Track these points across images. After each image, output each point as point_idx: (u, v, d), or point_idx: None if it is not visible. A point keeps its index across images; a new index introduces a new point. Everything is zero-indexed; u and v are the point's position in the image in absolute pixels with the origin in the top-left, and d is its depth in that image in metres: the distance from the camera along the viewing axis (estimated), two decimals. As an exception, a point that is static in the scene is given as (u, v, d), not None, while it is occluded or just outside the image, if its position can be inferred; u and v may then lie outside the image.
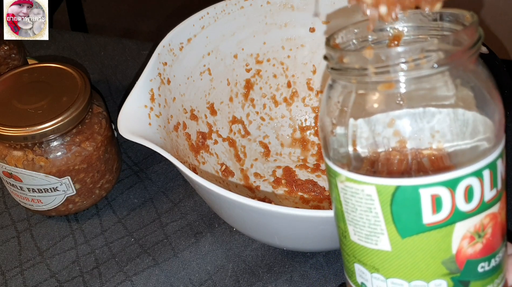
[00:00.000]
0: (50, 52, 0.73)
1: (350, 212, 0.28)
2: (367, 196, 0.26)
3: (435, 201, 0.25)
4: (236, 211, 0.42)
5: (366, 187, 0.26)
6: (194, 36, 0.53)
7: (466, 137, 0.26)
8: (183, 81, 0.53)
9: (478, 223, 0.26)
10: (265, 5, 0.56)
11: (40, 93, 0.51)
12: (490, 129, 0.27)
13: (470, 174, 0.25)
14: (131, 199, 0.56)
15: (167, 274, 0.49)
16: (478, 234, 0.26)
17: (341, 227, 0.29)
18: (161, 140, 0.45)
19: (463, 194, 0.25)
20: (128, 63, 0.71)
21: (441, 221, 0.26)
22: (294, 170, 0.58)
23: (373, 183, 0.26)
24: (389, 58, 0.25)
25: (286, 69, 0.60)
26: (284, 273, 0.49)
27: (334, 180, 0.28)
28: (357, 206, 0.27)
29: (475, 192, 0.26)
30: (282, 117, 0.61)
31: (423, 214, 0.26)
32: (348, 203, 0.28)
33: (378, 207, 0.26)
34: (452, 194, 0.25)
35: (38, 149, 0.49)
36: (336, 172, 0.28)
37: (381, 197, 0.26)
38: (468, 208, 0.26)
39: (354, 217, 0.28)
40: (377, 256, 0.27)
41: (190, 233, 0.52)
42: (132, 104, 0.46)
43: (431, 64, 0.24)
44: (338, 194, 0.28)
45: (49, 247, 0.52)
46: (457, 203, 0.25)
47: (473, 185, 0.25)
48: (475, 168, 0.25)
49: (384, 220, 0.26)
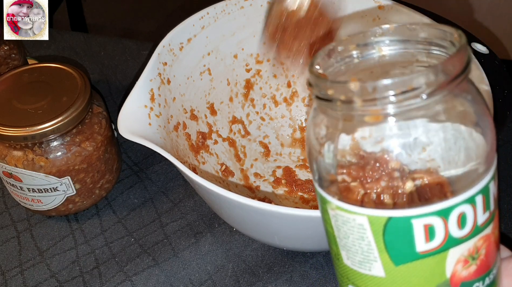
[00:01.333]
0: (50, 52, 0.73)
1: (343, 238, 0.27)
2: (359, 225, 0.26)
3: (428, 230, 0.25)
4: (236, 211, 0.42)
5: (358, 217, 0.26)
6: (194, 36, 0.53)
7: (459, 165, 0.26)
8: (183, 81, 0.53)
9: (472, 246, 0.26)
10: (265, 5, 0.56)
11: (40, 93, 0.51)
12: (482, 153, 0.26)
13: (463, 202, 0.25)
14: (131, 199, 0.56)
15: (167, 274, 0.49)
16: (472, 257, 0.26)
17: (333, 250, 0.29)
18: (161, 140, 0.45)
19: (456, 221, 0.25)
20: (128, 63, 0.71)
21: (434, 249, 0.25)
22: (294, 170, 0.58)
23: (365, 213, 0.26)
24: (376, 91, 0.24)
25: (286, 69, 0.60)
26: (284, 273, 0.49)
27: (324, 206, 0.28)
28: (349, 234, 0.27)
29: (468, 218, 0.25)
30: (282, 117, 0.61)
31: (416, 242, 0.25)
32: (340, 230, 0.27)
33: (371, 236, 0.26)
34: (445, 222, 0.25)
35: (38, 149, 0.49)
36: (326, 199, 0.27)
37: (373, 227, 0.26)
38: (462, 234, 0.25)
39: (347, 243, 0.27)
40: (371, 281, 0.27)
41: (190, 233, 0.52)
42: (132, 104, 0.46)
43: (420, 96, 0.24)
44: (329, 219, 0.28)
45: (49, 247, 0.52)
46: (450, 230, 0.25)
47: (466, 212, 0.25)
48: (468, 195, 0.25)
49: (377, 249, 0.26)
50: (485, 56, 0.49)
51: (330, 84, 0.26)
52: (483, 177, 0.26)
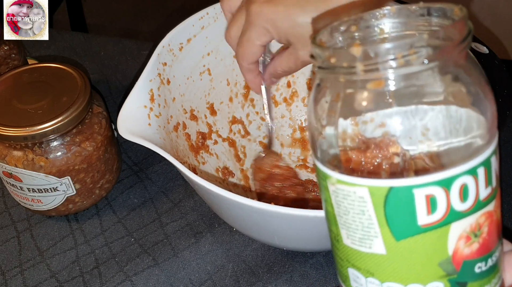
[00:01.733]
0: (50, 52, 0.73)
1: (343, 215, 0.27)
2: (359, 198, 0.26)
3: (430, 201, 0.25)
4: (236, 211, 0.42)
5: (358, 188, 0.25)
6: (194, 36, 0.53)
7: (460, 134, 0.26)
8: (183, 82, 0.53)
9: (474, 222, 0.26)
10: (265, 5, 0.56)
11: (40, 93, 0.51)
12: (483, 125, 0.26)
13: (464, 172, 0.25)
14: (131, 199, 0.56)
15: (167, 274, 0.49)
16: (474, 233, 0.26)
17: (333, 231, 0.29)
18: (161, 140, 0.45)
19: (458, 193, 0.25)
20: (128, 63, 0.71)
21: (436, 222, 0.25)
22: (295, 170, 0.58)
23: (365, 184, 0.25)
24: (378, 55, 0.24)
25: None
26: (284, 273, 0.49)
27: (324, 182, 0.27)
28: (349, 209, 0.26)
29: (470, 190, 0.25)
30: (282, 117, 0.61)
31: (418, 215, 0.25)
32: (340, 205, 0.27)
33: (371, 209, 0.26)
34: (447, 194, 0.25)
35: (38, 149, 0.49)
36: (326, 174, 0.27)
37: (374, 198, 0.25)
38: (464, 207, 0.25)
39: (347, 220, 0.27)
40: (371, 260, 0.27)
41: (190, 233, 0.52)
42: (131, 104, 0.46)
43: (421, 60, 0.24)
44: (329, 196, 0.27)
45: (49, 247, 0.52)
46: (452, 203, 0.25)
47: (468, 183, 0.25)
48: (470, 166, 0.25)
49: (378, 223, 0.26)
50: (485, 56, 0.49)
51: (333, 51, 0.25)
52: (485, 150, 0.26)
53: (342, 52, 0.25)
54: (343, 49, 0.25)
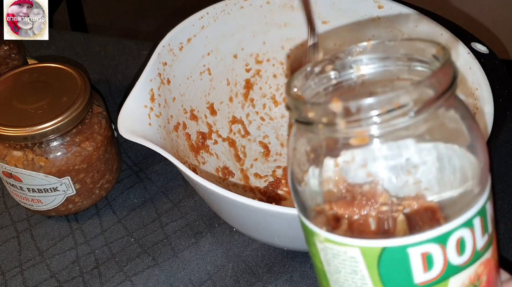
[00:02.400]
0: (50, 52, 0.73)
1: (334, 273, 0.26)
2: (350, 258, 0.24)
3: (426, 259, 0.24)
4: (236, 211, 0.42)
5: (349, 248, 0.24)
6: (194, 36, 0.53)
7: (454, 186, 0.24)
8: (183, 81, 0.53)
9: (473, 273, 0.25)
10: (264, 5, 0.56)
11: (40, 93, 0.51)
12: (476, 172, 0.25)
13: (460, 226, 0.24)
14: (131, 199, 0.56)
15: (167, 274, 0.49)
16: (473, 285, 0.25)
17: (324, 286, 0.27)
18: (161, 140, 0.45)
19: (455, 247, 0.24)
20: (128, 63, 0.71)
21: (433, 279, 0.24)
22: (294, 170, 0.58)
23: (357, 245, 0.24)
24: (360, 111, 0.22)
25: (286, 69, 0.60)
26: (284, 273, 0.49)
27: (311, 239, 0.26)
28: (340, 268, 0.25)
29: (467, 243, 0.24)
30: (282, 117, 0.61)
31: (414, 273, 0.24)
32: (330, 264, 0.25)
33: (364, 269, 0.24)
34: (443, 249, 0.23)
35: (38, 149, 0.49)
36: (313, 231, 0.25)
37: (366, 259, 0.24)
38: (461, 260, 0.24)
39: (338, 279, 0.25)
40: None
41: (190, 233, 0.52)
42: (132, 104, 0.46)
43: (407, 114, 0.22)
44: (317, 253, 0.26)
45: (49, 247, 0.52)
46: (449, 258, 0.24)
47: (464, 236, 0.24)
48: (466, 218, 0.24)
49: (372, 283, 0.24)
50: (485, 56, 0.49)
51: (311, 106, 0.24)
52: (479, 198, 0.25)
53: (321, 108, 0.23)
54: (322, 105, 0.23)
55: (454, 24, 0.51)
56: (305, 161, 0.25)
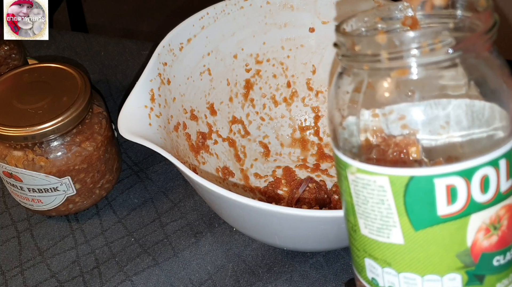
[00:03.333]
0: (50, 52, 0.73)
1: (361, 204, 0.27)
2: (379, 187, 0.25)
3: (450, 192, 0.24)
4: (236, 211, 0.42)
5: (378, 177, 0.25)
6: (194, 36, 0.54)
7: (482, 125, 0.25)
8: (183, 82, 0.53)
9: (494, 214, 0.25)
10: (264, 5, 0.56)
11: (40, 93, 0.51)
12: (505, 117, 0.26)
13: (486, 163, 0.24)
14: (131, 199, 0.56)
15: (167, 274, 0.49)
16: (493, 226, 0.26)
17: (350, 221, 0.28)
18: (161, 140, 0.45)
19: (479, 184, 0.25)
20: (128, 63, 0.71)
21: (456, 213, 0.25)
22: (294, 170, 0.58)
23: (386, 173, 0.25)
24: (402, 43, 0.24)
25: (285, 69, 0.60)
26: (284, 273, 0.49)
27: (344, 172, 0.27)
28: (368, 198, 0.26)
29: (491, 182, 0.25)
30: (282, 117, 0.61)
31: (438, 205, 0.25)
32: (359, 195, 0.27)
33: (391, 198, 0.25)
34: (467, 184, 0.24)
35: (38, 149, 0.49)
36: (346, 163, 0.27)
37: (394, 187, 0.25)
38: (484, 199, 0.25)
39: (365, 210, 0.27)
40: (389, 249, 0.27)
41: (190, 233, 0.52)
42: (132, 104, 0.46)
43: (445, 49, 0.24)
44: (348, 186, 0.27)
45: (49, 247, 0.52)
46: (472, 194, 0.25)
47: (489, 174, 0.25)
48: (492, 157, 0.25)
49: (397, 212, 0.25)
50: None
51: (357, 39, 0.25)
52: (506, 141, 0.25)
53: (367, 40, 0.25)
54: (367, 37, 0.25)
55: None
56: (346, 97, 0.27)
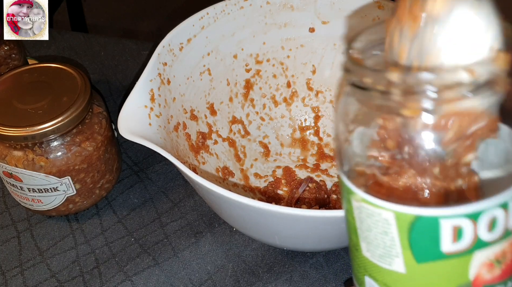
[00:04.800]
0: (50, 52, 0.73)
1: (365, 230, 0.26)
2: (384, 220, 0.25)
3: (456, 231, 0.24)
4: (236, 211, 0.42)
5: (384, 211, 0.25)
6: (194, 36, 0.54)
7: (496, 167, 0.24)
8: (183, 82, 0.53)
9: (499, 250, 0.25)
10: (264, 5, 0.56)
11: (40, 93, 0.51)
12: None
13: (495, 206, 0.24)
14: (131, 199, 0.56)
15: (167, 274, 0.49)
16: (498, 260, 0.25)
17: (352, 239, 0.28)
18: (161, 140, 0.45)
19: (487, 225, 0.24)
20: (128, 63, 0.71)
21: (460, 250, 0.24)
22: (294, 170, 0.58)
23: (392, 209, 0.24)
24: (417, 84, 0.22)
25: (285, 69, 0.60)
26: (284, 273, 0.49)
27: (348, 196, 0.26)
28: (372, 227, 0.26)
29: (499, 222, 0.24)
30: (282, 117, 0.61)
31: (442, 242, 0.24)
32: (363, 222, 0.26)
33: (395, 232, 0.25)
34: (474, 225, 0.24)
35: (38, 149, 0.49)
36: (351, 190, 0.26)
37: (399, 223, 0.24)
38: (491, 237, 0.24)
39: (368, 236, 0.26)
40: (390, 275, 0.26)
41: (190, 233, 0.52)
42: (132, 104, 0.46)
43: (464, 92, 0.22)
44: (351, 209, 0.26)
45: (49, 247, 0.52)
46: (479, 233, 0.24)
47: (497, 216, 0.24)
48: (502, 200, 0.24)
49: (401, 245, 0.25)
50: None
51: (369, 72, 0.24)
52: None
53: (379, 75, 0.23)
54: (380, 72, 0.23)
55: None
56: (352, 121, 0.25)
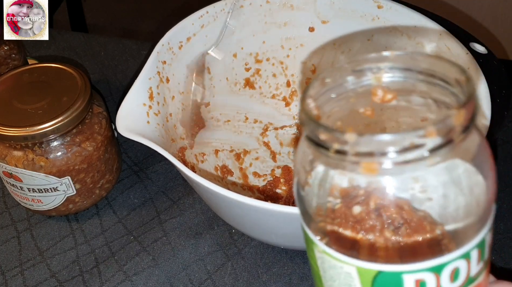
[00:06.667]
0: (50, 52, 0.73)
1: (328, 280, 0.26)
2: (346, 273, 0.25)
3: (419, 285, 0.24)
4: (234, 210, 0.42)
5: (345, 265, 0.25)
6: (194, 35, 0.54)
7: (457, 220, 0.24)
8: (182, 80, 0.53)
9: None
10: (264, 5, 0.57)
11: (40, 93, 0.51)
12: (482, 207, 0.24)
13: (457, 258, 0.24)
14: (131, 199, 0.56)
15: (167, 274, 0.49)
16: None
17: (317, 285, 0.28)
18: (160, 138, 0.45)
19: (449, 276, 0.24)
20: (128, 63, 0.71)
21: None
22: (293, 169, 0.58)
23: (353, 264, 0.24)
24: (373, 145, 0.22)
25: (285, 68, 0.60)
26: (283, 273, 0.49)
27: (311, 245, 0.26)
28: (335, 278, 0.25)
29: (462, 272, 0.24)
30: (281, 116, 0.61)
31: None
32: (326, 272, 0.26)
33: (359, 285, 0.25)
34: (437, 277, 0.24)
35: (38, 149, 0.49)
36: (312, 241, 0.26)
37: (362, 277, 0.24)
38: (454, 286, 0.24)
39: (332, 285, 0.26)
40: None
41: (190, 232, 0.52)
42: (130, 102, 0.46)
43: (422, 153, 0.22)
44: (315, 258, 0.26)
45: (49, 247, 0.52)
46: (442, 284, 0.24)
47: (460, 267, 0.24)
48: (464, 251, 0.24)
49: None
50: (484, 56, 0.49)
51: (324, 130, 0.23)
52: (480, 231, 0.24)
53: (335, 134, 0.23)
54: (335, 132, 0.23)
55: (453, 24, 0.51)
56: (309, 169, 0.25)
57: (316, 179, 0.25)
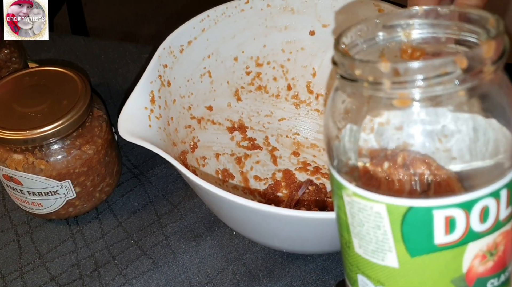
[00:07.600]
0: (50, 56, 0.73)
1: (356, 226, 0.26)
2: (376, 213, 0.25)
3: (449, 222, 0.24)
4: (235, 213, 0.42)
5: (376, 204, 0.25)
6: (195, 38, 0.53)
7: (485, 157, 0.24)
8: (184, 84, 0.53)
9: (491, 242, 0.25)
10: (265, 8, 0.56)
11: (40, 97, 0.51)
12: (510, 146, 0.25)
13: (487, 195, 0.24)
14: (131, 202, 0.56)
15: (167, 278, 0.49)
16: (490, 252, 0.25)
17: (344, 237, 0.28)
18: (161, 142, 0.45)
19: (479, 215, 0.24)
20: (129, 66, 0.71)
21: (453, 242, 0.24)
22: (294, 173, 0.58)
23: (384, 201, 0.24)
24: (407, 73, 0.22)
25: (286, 72, 0.60)
26: (284, 277, 0.49)
27: (339, 191, 0.26)
28: (364, 222, 0.26)
29: (491, 212, 0.24)
30: (281, 120, 0.61)
31: (435, 234, 0.24)
32: (355, 217, 0.26)
33: (388, 225, 0.25)
34: (467, 215, 0.24)
35: (39, 152, 0.49)
36: (342, 184, 0.26)
37: (391, 216, 0.24)
38: (483, 228, 0.25)
39: (360, 231, 0.26)
40: (383, 271, 0.26)
41: (190, 236, 0.52)
42: (132, 106, 0.46)
43: (451, 81, 0.22)
44: (343, 205, 0.26)
45: (49, 250, 0.52)
46: (471, 224, 0.24)
47: (489, 205, 0.24)
48: (493, 189, 0.24)
49: (393, 239, 0.25)
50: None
51: (358, 64, 0.24)
52: (509, 171, 0.25)
53: (369, 66, 0.23)
54: (370, 63, 0.23)
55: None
56: (342, 117, 0.26)
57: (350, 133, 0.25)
